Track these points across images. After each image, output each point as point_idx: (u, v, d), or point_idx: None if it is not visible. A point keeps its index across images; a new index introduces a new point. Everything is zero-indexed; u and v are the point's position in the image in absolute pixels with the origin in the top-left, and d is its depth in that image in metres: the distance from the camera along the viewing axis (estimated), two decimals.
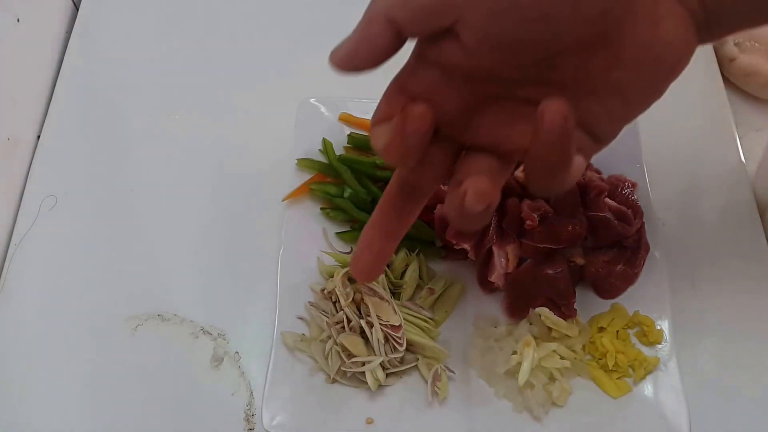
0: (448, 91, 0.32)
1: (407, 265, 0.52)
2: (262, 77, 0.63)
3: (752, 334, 0.50)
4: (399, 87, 0.34)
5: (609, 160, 0.53)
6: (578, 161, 0.32)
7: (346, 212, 0.53)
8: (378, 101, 0.59)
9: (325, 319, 0.49)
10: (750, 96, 0.60)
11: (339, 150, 0.56)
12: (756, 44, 0.60)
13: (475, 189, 0.32)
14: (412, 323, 0.49)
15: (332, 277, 0.50)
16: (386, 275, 0.51)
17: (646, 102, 0.32)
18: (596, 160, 0.53)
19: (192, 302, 0.53)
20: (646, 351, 0.48)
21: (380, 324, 0.47)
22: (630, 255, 0.50)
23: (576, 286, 0.50)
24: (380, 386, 0.47)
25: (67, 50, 0.66)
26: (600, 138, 0.33)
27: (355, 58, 0.31)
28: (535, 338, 0.47)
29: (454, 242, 0.50)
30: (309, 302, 0.51)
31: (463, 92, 0.32)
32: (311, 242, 0.53)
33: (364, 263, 0.39)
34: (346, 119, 0.58)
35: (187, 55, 0.65)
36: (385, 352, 0.47)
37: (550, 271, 0.49)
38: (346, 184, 0.54)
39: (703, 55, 0.62)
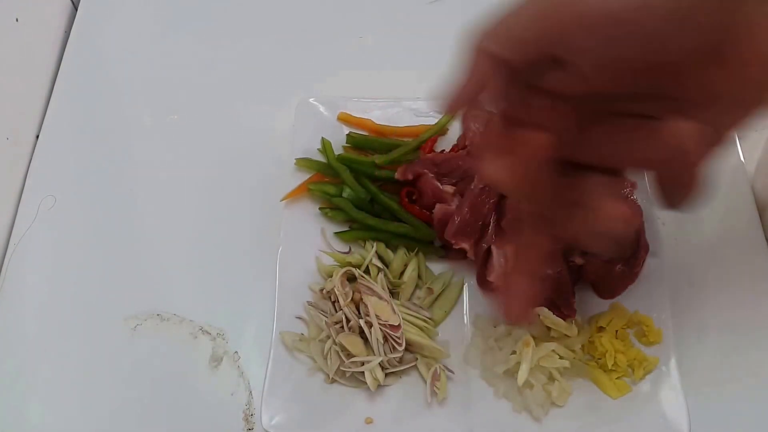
0: (560, 116, 0.33)
1: (406, 265, 0.52)
2: (261, 77, 0.63)
3: (752, 334, 0.49)
4: (506, 116, 0.34)
5: None
6: None
7: (345, 212, 0.53)
8: (376, 101, 0.59)
9: (324, 318, 0.49)
10: None
11: (338, 150, 0.56)
12: None
13: (620, 213, 0.32)
14: (411, 323, 0.49)
15: (331, 276, 0.50)
16: (385, 275, 0.51)
17: (761, 106, 0.32)
18: None
19: (191, 302, 0.52)
20: (645, 351, 0.48)
21: (379, 324, 0.47)
22: (629, 255, 0.50)
23: (575, 285, 0.50)
24: (379, 386, 0.47)
25: (65, 50, 0.66)
26: (717, 144, 0.33)
27: (467, 97, 0.32)
28: (535, 338, 0.47)
29: (453, 242, 0.49)
30: (308, 302, 0.51)
31: (574, 115, 0.33)
32: (310, 242, 0.53)
33: (515, 308, 0.39)
34: (345, 119, 0.58)
35: (185, 55, 0.65)
36: (384, 352, 0.47)
37: (549, 271, 0.48)
38: (344, 183, 0.54)
39: None
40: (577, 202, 0.34)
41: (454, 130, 0.57)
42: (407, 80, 0.61)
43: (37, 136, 0.61)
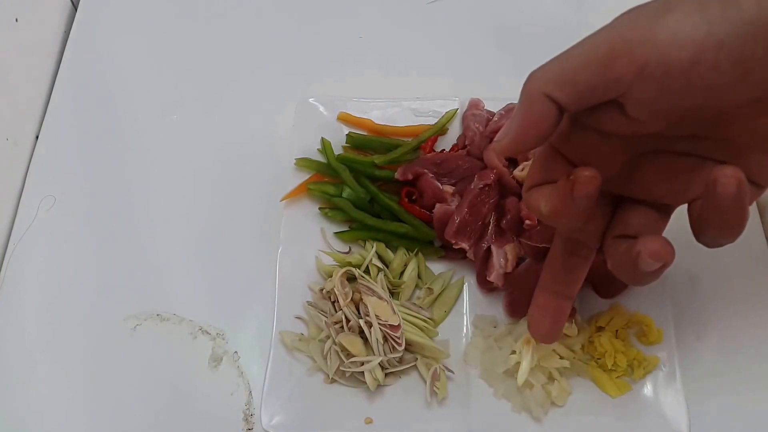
0: (607, 152, 0.33)
1: (406, 265, 0.52)
2: (260, 77, 0.63)
3: (752, 334, 0.49)
4: (554, 152, 0.34)
5: None
6: None
7: (345, 212, 0.53)
8: (376, 101, 0.59)
9: (324, 318, 0.49)
10: None
11: (337, 149, 0.56)
12: None
13: (650, 250, 0.33)
14: (411, 323, 0.49)
15: (331, 276, 0.50)
16: (385, 275, 0.51)
17: None
18: None
19: (191, 302, 0.52)
20: (645, 351, 0.48)
21: (379, 324, 0.47)
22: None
23: None
24: (379, 386, 0.47)
25: (65, 50, 0.66)
26: (761, 185, 0.34)
27: (524, 142, 0.32)
28: None
29: (453, 242, 0.49)
30: (307, 302, 0.51)
31: (621, 151, 0.34)
32: (310, 242, 0.53)
33: (544, 327, 0.40)
34: (345, 119, 0.58)
35: (185, 55, 0.65)
36: (384, 352, 0.47)
37: None
38: (344, 183, 0.54)
39: None
40: (618, 233, 0.35)
41: (454, 130, 0.57)
42: (407, 80, 0.61)
43: (37, 136, 0.61)
